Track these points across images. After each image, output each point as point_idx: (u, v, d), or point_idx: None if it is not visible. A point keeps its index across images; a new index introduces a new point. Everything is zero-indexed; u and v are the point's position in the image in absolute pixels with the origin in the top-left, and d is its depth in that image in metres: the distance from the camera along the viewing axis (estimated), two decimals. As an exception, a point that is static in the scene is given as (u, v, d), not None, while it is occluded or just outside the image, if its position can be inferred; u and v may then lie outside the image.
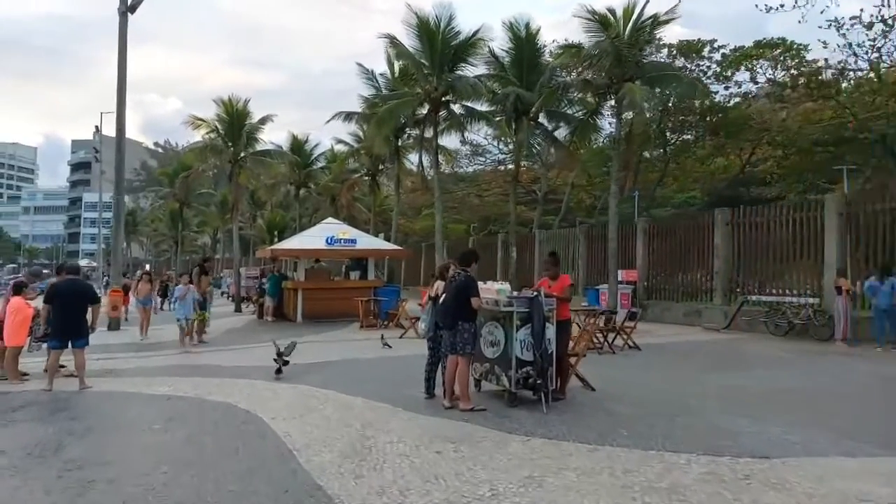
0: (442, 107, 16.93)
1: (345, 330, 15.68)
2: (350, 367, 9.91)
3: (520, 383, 6.56)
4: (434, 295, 7.09)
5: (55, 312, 8.13)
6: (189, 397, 7.69)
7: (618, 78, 15.26)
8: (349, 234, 18.93)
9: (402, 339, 13.38)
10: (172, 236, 44.02)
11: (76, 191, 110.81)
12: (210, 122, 24.83)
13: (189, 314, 12.43)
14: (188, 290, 12.48)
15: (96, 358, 11.25)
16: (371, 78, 22.95)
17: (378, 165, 28.30)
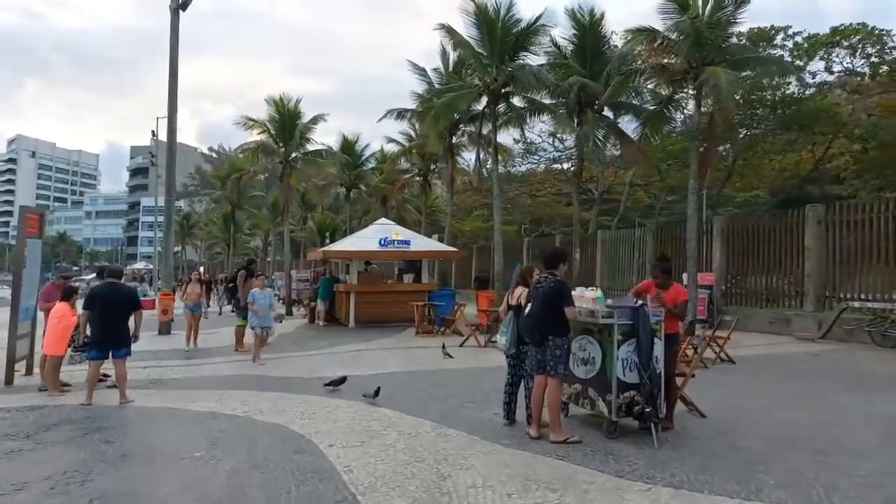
0: (501, 99, 15.87)
1: (399, 336, 14.79)
2: (411, 380, 8.94)
3: (622, 410, 5.44)
4: (516, 303, 6.03)
5: (94, 320, 7.47)
6: (237, 416, 6.88)
7: (697, 62, 13.87)
8: (403, 235, 18.09)
9: (464, 349, 12.38)
10: (225, 239, 44.42)
11: (134, 195, 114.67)
12: (262, 123, 24.52)
13: (267, 323, 10.86)
14: (266, 295, 10.92)
15: (143, 366, 10.70)
16: (423, 74, 22.10)
17: (430, 165, 27.45)
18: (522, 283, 6.17)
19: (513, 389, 6.15)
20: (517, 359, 6.09)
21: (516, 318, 5.99)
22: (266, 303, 10.74)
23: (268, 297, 10.80)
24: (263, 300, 10.72)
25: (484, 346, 12.47)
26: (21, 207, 9.13)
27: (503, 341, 6.04)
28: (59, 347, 7.98)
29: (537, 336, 5.46)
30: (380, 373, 9.41)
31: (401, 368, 9.99)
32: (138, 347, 13.41)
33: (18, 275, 9.09)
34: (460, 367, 10.10)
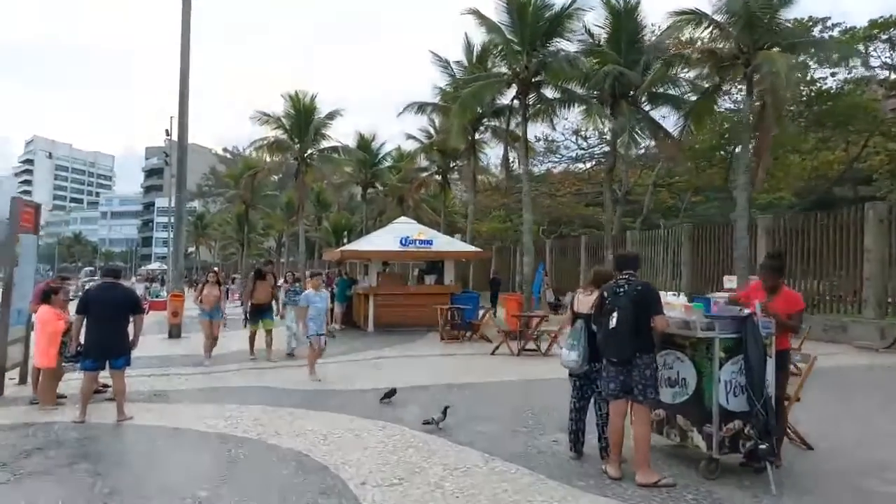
0: (532, 89, 14.83)
1: (423, 342, 13.77)
2: (447, 395, 7.90)
3: (725, 445, 4.39)
4: (589, 310, 4.98)
5: (89, 326, 6.54)
6: (249, 439, 5.90)
7: (748, 47, 12.75)
8: (425, 235, 17.07)
9: (497, 357, 11.34)
10: (239, 239, 43.74)
11: (149, 196, 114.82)
12: (277, 118, 23.74)
13: (322, 330, 9.08)
14: (323, 298, 9.24)
15: (148, 374, 9.79)
16: (446, 66, 21.13)
17: (449, 163, 26.45)
18: (596, 287, 5.10)
19: (580, 416, 5.09)
20: (586, 378, 5.03)
21: (587, 330, 4.92)
22: (323, 306, 9.18)
23: (324, 300, 9.26)
24: (320, 303, 9.12)
25: (517, 355, 11.43)
26: (13, 199, 8.24)
27: (573, 357, 4.93)
28: (47, 358, 7.06)
29: (626, 351, 4.40)
30: (410, 385, 8.40)
31: (431, 380, 8.96)
32: (144, 352, 12.61)
33: (10, 273, 8.20)
34: (497, 379, 9.06)
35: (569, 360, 4.95)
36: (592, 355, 4.86)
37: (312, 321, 8.89)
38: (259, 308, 11.23)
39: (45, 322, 7.11)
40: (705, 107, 14.48)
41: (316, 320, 8.91)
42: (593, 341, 4.84)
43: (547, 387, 8.27)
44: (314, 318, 8.90)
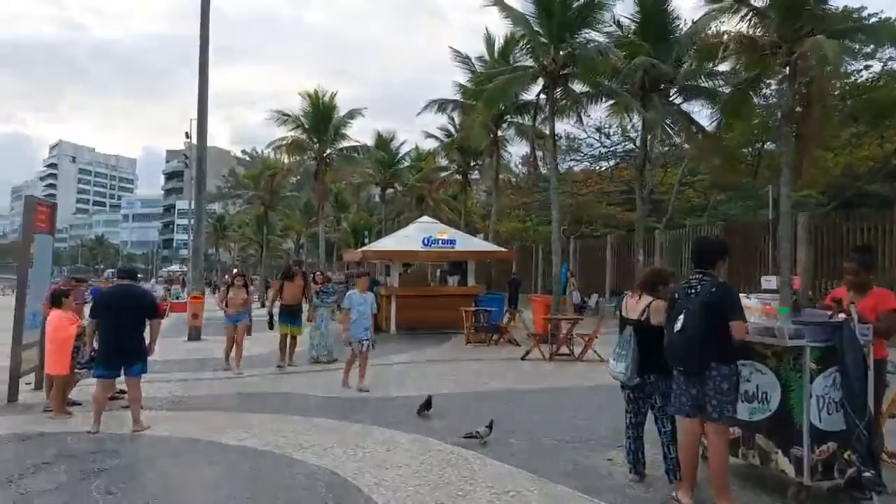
0: (560, 82, 14.28)
1: (448, 345, 13.27)
2: (479, 405, 7.38)
3: (818, 471, 3.82)
4: (639, 316, 4.42)
5: (103, 330, 6.14)
6: (272, 453, 5.44)
7: (791, 33, 12.06)
8: (448, 235, 16.59)
9: (528, 363, 10.80)
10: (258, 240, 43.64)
11: (170, 199, 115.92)
12: (295, 118, 23.42)
13: (365, 336, 8.14)
14: (367, 300, 8.21)
15: (167, 379, 9.41)
16: (467, 61, 20.62)
17: (470, 162, 25.93)
18: (647, 290, 4.55)
19: (637, 433, 4.54)
20: (640, 392, 4.47)
21: (637, 337, 4.38)
22: (367, 309, 8.19)
23: (369, 303, 8.24)
24: (364, 305, 8.16)
25: (549, 360, 10.89)
26: (27, 197, 7.91)
27: (620, 368, 4.39)
28: (59, 365, 6.68)
29: (696, 361, 3.84)
30: (440, 392, 7.89)
31: (461, 388, 8.45)
32: (163, 356, 12.22)
33: (24, 275, 7.86)
34: (533, 386, 8.52)
35: (616, 372, 4.41)
36: (644, 367, 4.31)
37: (354, 325, 8.09)
38: (290, 309, 10.38)
39: (55, 327, 6.73)
40: (742, 99, 13.79)
41: (358, 324, 8.10)
42: (645, 351, 4.30)
43: (588, 395, 7.73)
44: (357, 322, 8.10)
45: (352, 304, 8.13)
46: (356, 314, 8.10)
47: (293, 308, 10.40)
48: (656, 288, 4.49)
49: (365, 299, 8.22)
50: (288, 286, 10.49)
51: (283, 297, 10.42)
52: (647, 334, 4.32)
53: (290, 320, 10.33)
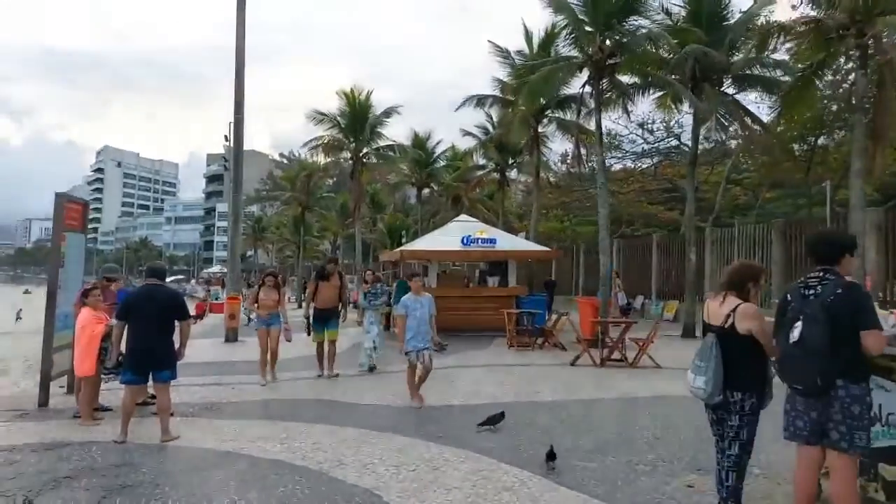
0: (606, 72, 13.55)
1: (490, 349, 12.67)
2: (536, 416, 6.76)
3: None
4: (722, 323, 3.68)
5: (130, 333, 5.77)
6: (309, 469, 4.95)
7: (862, 15, 11.10)
8: (488, 233, 16.01)
9: (577, 369, 10.13)
10: (295, 241, 43.88)
11: (210, 201, 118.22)
12: (332, 117, 23.18)
13: (423, 343, 7.23)
14: (425, 303, 7.29)
15: (201, 382, 9.07)
16: (506, 56, 20.00)
17: (508, 159, 25.27)
18: (734, 290, 3.78)
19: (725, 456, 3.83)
20: (725, 411, 3.74)
21: (720, 347, 3.68)
22: (426, 314, 7.20)
23: (427, 307, 7.22)
24: (421, 310, 7.19)
25: (601, 366, 10.19)
26: (57, 195, 7.64)
27: (699, 384, 3.64)
28: (84, 366, 6.35)
29: (819, 382, 3.16)
30: (488, 402, 7.33)
31: (512, 397, 7.83)
32: (199, 357, 12.01)
33: (55, 275, 7.59)
34: (590, 396, 7.85)
35: (695, 388, 3.68)
36: (728, 382, 3.59)
37: (411, 333, 7.14)
38: (323, 313, 9.39)
39: (82, 326, 6.42)
40: (806, 86, 12.80)
41: (414, 332, 7.15)
42: (729, 363, 3.58)
43: (654, 407, 7.04)
44: (413, 330, 7.14)
45: (407, 308, 7.21)
46: (413, 320, 7.16)
47: (327, 312, 9.39)
48: (744, 287, 3.70)
49: (421, 303, 7.26)
50: (323, 287, 9.45)
51: (317, 299, 9.40)
52: (732, 343, 3.59)
53: (324, 325, 9.35)
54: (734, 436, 3.59)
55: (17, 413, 7.09)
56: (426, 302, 7.31)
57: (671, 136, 33.02)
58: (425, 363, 7.22)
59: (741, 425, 3.55)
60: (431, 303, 7.35)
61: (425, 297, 7.38)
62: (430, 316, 7.26)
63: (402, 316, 7.22)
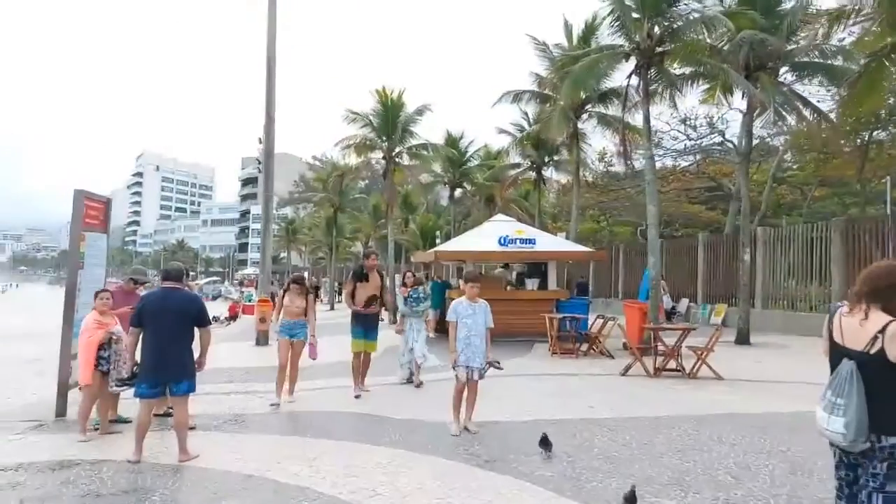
0: (654, 61, 12.67)
1: (532, 357, 11.92)
2: (594, 436, 6.01)
3: None
4: (869, 348, 2.80)
5: (145, 341, 5.24)
6: (339, 499, 4.33)
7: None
8: (526, 233, 15.25)
9: (628, 379, 9.31)
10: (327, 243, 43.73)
11: (245, 204, 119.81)
12: (364, 116, 22.72)
13: (475, 360, 6.11)
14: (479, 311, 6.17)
15: (228, 390, 8.59)
16: (544, 49, 19.20)
17: (545, 157, 24.41)
18: (879, 302, 2.92)
19: (852, 507, 3.01)
20: (867, 457, 2.83)
21: (863, 378, 2.80)
22: (479, 324, 6.09)
23: (482, 315, 6.15)
24: (475, 318, 6.09)
25: (655, 376, 9.36)
26: (76, 191, 7.20)
27: (837, 427, 2.77)
28: (81, 374, 5.88)
29: None
30: (536, 418, 6.61)
31: (563, 412, 7.08)
32: (228, 362, 11.59)
33: (73, 277, 7.15)
34: (650, 413, 7.03)
35: (832, 431, 2.78)
36: (875, 423, 2.74)
37: (461, 345, 6.06)
38: (362, 320, 8.13)
39: (82, 331, 5.97)
40: (878, 74, 11.69)
41: (465, 344, 6.05)
42: (874, 397, 2.75)
43: (728, 429, 6.20)
44: (464, 341, 6.05)
45: (457, 315, 6.12)
46: (463, 329, 6.08)
47: (367, 318, 8.13)
48: (895, 298, 2.91)
49: (475, 310, 6.13)
50: (362, 288, 8.13)
51: (356, 301, 8.13)
52: (878, 373, 2.74)
53: (364, 333, 8.13)
54: (877, 487, 2.78)
55: (33, 424, 6.67)
56: (481, 310, 6.16)
57: (714, 132, 31.77)
58: (474, 380, 6.13)
59: (890, 476, 2.75)
60: (487, 311, 6.19)
61: (480, 303, 6.21)
62: (485, 327, 6.14)
63: (452, 323, 6.17)
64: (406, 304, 9.02)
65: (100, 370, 5.81)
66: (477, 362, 6.08)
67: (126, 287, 6.69)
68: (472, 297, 6.22)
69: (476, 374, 6.15)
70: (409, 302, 9.00)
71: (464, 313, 6.12)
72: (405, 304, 9.04)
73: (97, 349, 5.81)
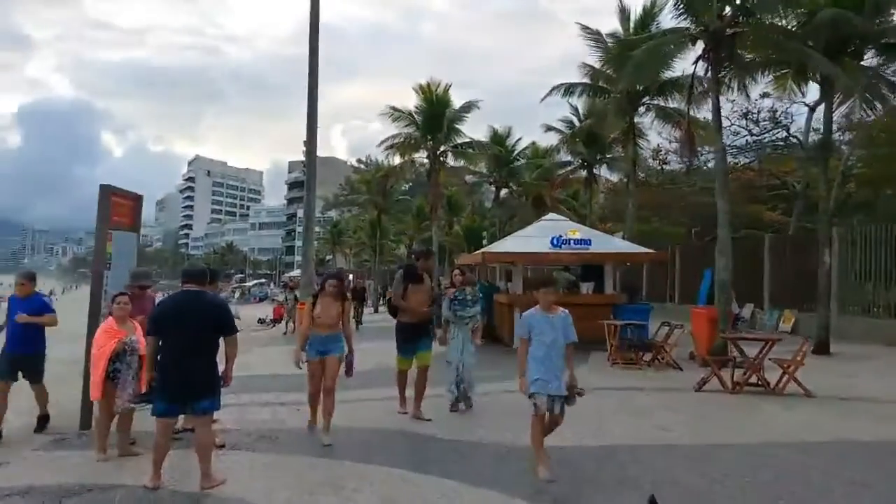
0: (724, 45, 11.54)
1: (589, 367, 10.93)
2: (667, 464, 5.12)
3: None
4: None
5: (163, 352, 4.62)
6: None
7: None
8: (581, 233, 14.29)
9: (706, 395, 8.28)
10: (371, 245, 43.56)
11: (292, 207, 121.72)
12: (408, 113, 22.16)
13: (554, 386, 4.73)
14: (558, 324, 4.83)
15: (264, 401, 7.99)
16: (597, 38, 18.17)
17: (596, 155, 23.33)
18: None
19: None
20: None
21: None
22: (559, 341, 4.79)
23: (562, 330, 4.82)
24: (553, 334, 4.78)
25: (734, 392, 8.30)
26: (102, 186, 6.70)
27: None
28: (93, 387, 5.32)
29: None
30: (604, 443, 5.73)
31: (634, 436, 6.14)
32: (269, 368, 11.08)
33: (99, 280, 6.66)
34: (741, 439, 6.02)
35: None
36: None
37: (536, 366, 4.74)
38: (411, 329, 6.79)
39: (94, 340, 5.41)
40: None
41: (542, 365, 4.72)
42: None
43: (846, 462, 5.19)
44: (541, 362, 4.73)
45: (531, 329, 4.82)
46: (540, 348, 4.74)
47: (416, 328, 6.80)
48: None
49: (552, 323, 4.79)
50: (413, 292, 6.77)
51: (409, 306, 6.81)
52: None
53: (412, 347, 6.83)
54: None
55: (55, 438, 6.20)
56: (561, 322, 4.80)
57: (778, 127, 29.89)
58: (554, 413, 4.76)
59: None
60: (568, 324, 4.85)
61: (559, 314, 4.86)
62: (566, 344, 4.81)
63: (523, 340, 4.88)
64: (450, 307, 7.19)
65: (113, 382, 5.22)
66: (556, 386, 4.71)
67: (135, 293, 5.87)
68: (548, 307, 4.88)
69: (558, 407, 4.74)
70: (454, 306, 7.15)
71: (539, 327, 4.79)
72: (449, 307, 7.23)
73: (109, 360, 5.19)
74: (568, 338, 4.84)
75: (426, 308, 6.86)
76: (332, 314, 6.02)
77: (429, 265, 7.02)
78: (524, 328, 4.90)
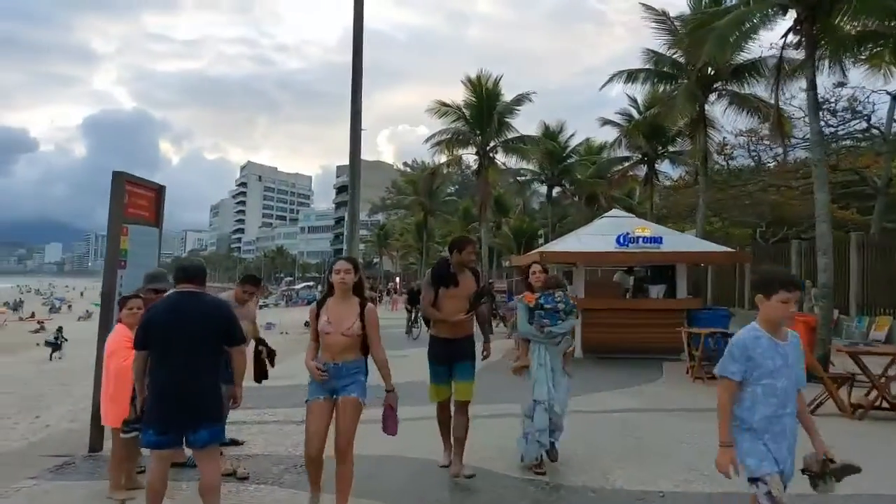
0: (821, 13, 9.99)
1: (666, 381, 9.62)
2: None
3: None
4: None
5: (153, 368, 3.63)
6: None
7: None
8: (650, 231, 12.91)
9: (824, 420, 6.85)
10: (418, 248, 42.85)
11: (340, 211, 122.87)
12: (456, 108, 21.14)
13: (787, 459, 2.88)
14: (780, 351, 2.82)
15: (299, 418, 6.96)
16: (662, 20, 16.70)
17: (657, 148, 21.73)
18: None
19: None
20: None
21: None
22: (794, 385, 2.88)
23: (795, 358, 2.88)
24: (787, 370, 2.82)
25: (855, 415, 6.85)
26: (115, 173, 5.86)
27: None
28: (111, 411, 4.41)
29: None
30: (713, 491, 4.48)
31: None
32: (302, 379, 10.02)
33: (112, 281, 5.80)
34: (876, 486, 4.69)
35: None
36: None
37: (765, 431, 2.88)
38: (446, 347, 4.91)
39: (110, 352, 4.48)
40: None
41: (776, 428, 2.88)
42: None
43: None
44: (772, 422, 2.86)
45: (755, 367, 2.83)
46: (772, 402, 2.83)
47: (452, 346, 4.89)
48: None
49: (785, 354, 2.86)
50: (446, 298, 4.88)
51: (442, 316, 4.89)
52: None
53: (446, 372, 4.93)
54: None
55: (61, 461, 5.38)
56: (794, 351, 2.89)
57: (858, 118, 27.44)
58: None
59: None
60: (801, 356, 2.94)
61: (791, 339, 2.89)
62: (798, 390, 2.91)
63: (733, 384, 2.88)
64: (532, 321, 5.05)
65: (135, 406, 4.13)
66: (790, 463, 2.86)
67: (147, 298, 4.84)
68: (778, 324, 2.86)
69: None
70: (540, 318, 5.00)
71: (766, 363, 2.80)
72: (529, 320, 5.07)
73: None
74: (800, 381, 2.91)
75: (464, 315, 4.81)
76: (346, 326, 3.90)
77: (464, 257, 4.87)
78: (739, 363, 2.82)
